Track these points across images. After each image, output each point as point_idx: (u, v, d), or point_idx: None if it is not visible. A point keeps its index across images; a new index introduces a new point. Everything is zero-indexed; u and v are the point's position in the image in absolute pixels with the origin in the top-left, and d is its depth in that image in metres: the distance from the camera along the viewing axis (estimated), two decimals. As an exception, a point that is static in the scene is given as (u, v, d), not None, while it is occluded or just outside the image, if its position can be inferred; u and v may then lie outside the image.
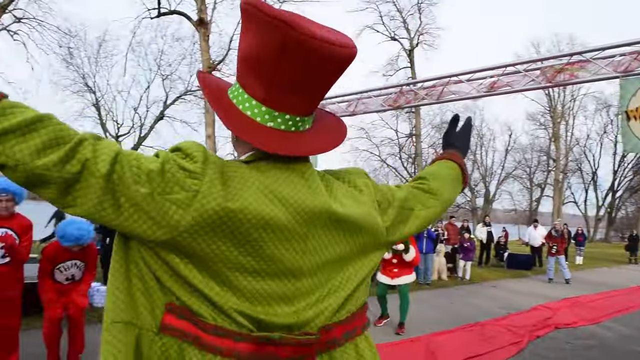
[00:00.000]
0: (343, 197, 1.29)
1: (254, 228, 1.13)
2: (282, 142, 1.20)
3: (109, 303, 1.18)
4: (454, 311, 9.20)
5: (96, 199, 1.05)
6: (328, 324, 1.26)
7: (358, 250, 1.33)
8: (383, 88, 7.06)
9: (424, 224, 1.52)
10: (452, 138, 1.78)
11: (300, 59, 1.12)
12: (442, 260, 13.58)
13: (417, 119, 28.09)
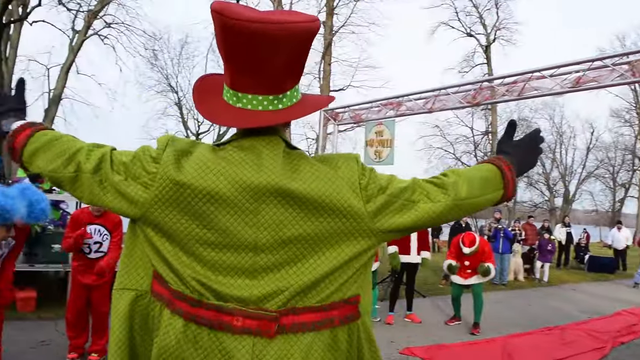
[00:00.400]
0: (306, 176, 1.33)
1: (201, 201, 1.29)
2: (233, 118, 1.37)
3: (119, 270, 1.44)
4: (531, 313, 8.96)
5: (89, 187, 1.38)
6: (296, 307, 1.31)
7: (331, 234, 1.33)
8: (461, 85, 6.96)
9: (425, 218, 1.42)
10: (506, 147, 1.61)
11: (236, 40, 1.25)
12: (518, 260, 13.21)
13: (493, 116, 27.36)
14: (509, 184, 1.53)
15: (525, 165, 1.63)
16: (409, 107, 7.34)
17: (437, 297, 10.11)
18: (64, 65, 19.73)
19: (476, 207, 1.52)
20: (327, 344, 1.35)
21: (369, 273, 1.47)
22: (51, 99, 19.60)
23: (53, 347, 5.17)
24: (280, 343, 1.30)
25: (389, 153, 7.68)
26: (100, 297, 4.85)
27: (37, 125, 1.48)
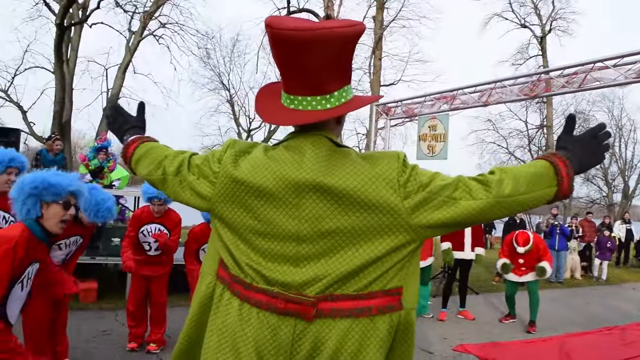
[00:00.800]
0: (344, 173, 1.43)
1: (252, 196, 1.49)
2: (285, 118, 1.53)
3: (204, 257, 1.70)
4: (589, 312, 8.69)
5: (172, 187, 1.68)
6: (334, 294, 1.42)
7: (368, 227, 1.42)
8: (519, 77, 6.77)
9: (465, 215, 1.43)
10: (565, 142, 1.56)
11: (281, 47, 1.40)
12: (575, 258, 12.81)
13: (548, 110, 26.48)
14: (564, 181, 1.48)
15: (587, 162, 1.55)
16: (464, 101, 7.19)
17: (490, 294, 9.93)
18: (121, 65, 20.38)
19: (524, 205, 1.49)
20: (365, 330, 1.42)
21: (415, 267, 1.52)
22: (109, 98, 20.28)
23: (114, 337, 5.37)
24: (318, 326, 1.42)
25: (443, 147, 7.57)
26: (159, 288, 5.01)
27: (143, 138, 1.85)
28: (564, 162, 1.49)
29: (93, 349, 4.95)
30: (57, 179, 2.59)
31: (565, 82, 5.78)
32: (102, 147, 7.78)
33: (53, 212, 2.56)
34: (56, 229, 2.59)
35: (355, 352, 1.41)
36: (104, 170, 7.70)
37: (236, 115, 26.74)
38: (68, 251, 4.13)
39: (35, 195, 2.51)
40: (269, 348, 1.44)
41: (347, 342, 1.41)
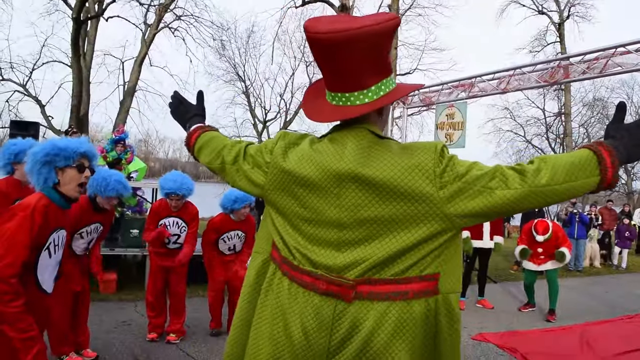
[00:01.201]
0: (381, 163, 1.50)
1: (298, 185, 1.60)
2: (327, 114, 1.61)
3: (256, 236, 1.83)
4: (609, 300, 8.60)
5: (230, 175, 1.82)
6: (371, 278, 1.50)
7: (405, 216, 1.47)
8: (538, 63, 6.68)
9: (500, 205, 1.45)
10: (614, 130, 1.51)
11: (317, 49, 1.51)
12: (594, 246, 12.68)
13: (566, 97, 26.09)
14: (608, 171, 1.43)
15: (636, 151, 1.47)
16: (482, 89, 7.10)
17: (508, 282, 9.87)
18: (137, 58, 20.43)
19: (562, 195, 1.47)
20: (401, 313, 1.49)
21: (453, 255, 1.55)
22: (126, 91, 20.37)
23: (134, 327, 5.43)
24: (356, 307, 1.51)
25: (460, 136, 7.50)
26: (178, 279, 5.05)
27: (204, 128, 1.98)
28: (609, 152, 1.44)
29: (113, 339, 5.01)
30: (66, 143, 2.60)
31: (586, 67, 5.67)
32: (119, 139, 7.84)
33: (69, 177, 2.57)
34: (74, 193, 2.61)
35: (392, 333, 1.48)
36: (122, 161, 7.76)
37: (252, 106, 26.73)
38: (90, 239, 4.17)
39: (48, 163, 2.53)
40: (312, 325, 1.54)
41: (384, 323, 1.49)
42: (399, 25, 1.53)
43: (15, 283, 2.23)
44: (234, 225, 5.24)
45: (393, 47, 21.17)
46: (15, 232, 2.29)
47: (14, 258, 2.25)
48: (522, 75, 6.41)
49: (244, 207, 5.16)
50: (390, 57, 1.61)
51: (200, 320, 5.69)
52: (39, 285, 2.45)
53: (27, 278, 2.36)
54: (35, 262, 2.41)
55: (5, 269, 2.21)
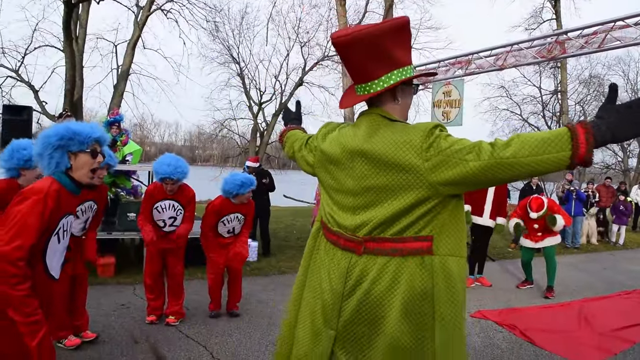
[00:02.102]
0: (381, 140, 1.80)
1: (329, 162, 2.02)
2: (344, 102, 2.00)
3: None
4: (607, 277, 8.64)
5: (299, 160, 2.32)
6: (377, 236, 1.83)
7: (398, 184, 1.76)
8: (535, 39, 6.60)
9: (471, 174, 1.64)
10: (602, 110, 1.57)
11: (337, 52, 1.87)
12: (592, 223, 12.71)
13: (562, 74, 25.95)
14: (580, 147, 1.50)
15: (621, 130, 1.52)
16: (479, 65, 7.03)
17: (506, 260, 9.91)
18: (130, 41, 20.16)
19: (528, 167, 1.58)
20: (398, 266, 1.80)
21: (448, 222, 1.80)
22: (119, 74, 20.15)
23: (133, 310, 5.42)
24: (365, 260, 1.87)
25: (458, 113, 7.45)
26: (175, 261, 5.03)
27: (292, 128, 2.53)
28: (585, 129, 1.51)
29: (112, 322, 5.01)
30: (81, 127, 2.54)
31: (584, 42, 5.61)
32: (114, 121, 7.74)
33: (82, 162, 2.51)
34: (86, 179, 2.56)
35: (390, 283, 1.81)
36: (117, 143, 7.68)
37: (247, 88, 26.51)
38: (85, 218, 4.13)
39: (62, 147, 2.47)
40: (334, 274, 1.95)
41: (384, 273, 1.82)
42: (402, 26, 1.78)
43: (23, 266, 2.19)
44: (234, 208, 5.21)
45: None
46: (27, 215, 2.25)
47: (24, 241, 2.21)
48: (519, 51, 6.34)
49: (249, 191, 5.13)
50: (403, 50, 1.83)
51: (200, 303, 5.70)
52: (47, 271, 2.42)
53: (36, 263, 2.33)
54: (45, 247, 2.38)
55: (14, 251, 2.17)
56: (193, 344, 4.55)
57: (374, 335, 1.85)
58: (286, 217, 15.33)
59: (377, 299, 1.82)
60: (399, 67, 1.82)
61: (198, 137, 43.08)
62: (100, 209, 4.31)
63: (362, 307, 1.85)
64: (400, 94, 1.90)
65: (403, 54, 1.83)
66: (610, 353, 4.73)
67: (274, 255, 9.02)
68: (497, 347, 4.82)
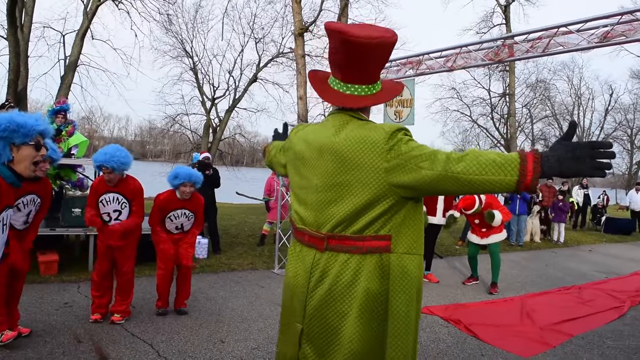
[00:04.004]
0: (346, 139, 1.85)
1: (297, 159, 2.07)
2: (324, 94, 1.99)
3: None
4: (549, 273, 8.97)
5: (273, 165, 2.56)
6: (339, 234, 1.88)
7: (358, 182, 1.81)
8: (484, 42, 6.78)
9: (422, 182, 1.71)
10: (556, 143, 1.61)
11: (349, 49, 1.81)
12: (535, 222, 13.19)
13: (511, 78, 26.75)
14: (527, 174, 1.57)
15: (569, 166, 1.55)
16: (429, 66, 7.16)
17: (453, 257, 10.16)
18: (79, 31, 19.49)
19: (474, 185, 1.65)
20: (358, 263, 1.85)
21: (406, 223, 1.86)
22: (67, 65, 19.44)
23: (76, 309, 5.25)
24: (327, 256, 1.92)
25: (409, 113, 7.56)
26: (124, 258, 4.90)
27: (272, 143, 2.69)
28: (535, 159, 1.58)
29: (54, 322, 4.83)
30: (25, 119, 2.44)
31: (529, 46, 5.80)
32: (60, 110, 7.47)
33: (24, 155, 2.43)
34: (28, 171, 2.47)
35: (350, 279, 1.86)
36: (62, 133, 7.41)
37: (200, 83, 26.18)
38: (27, 211, 3.96)
39: (4, 139, 2.36)
40: (300, 269, 2.02)
41: (345, 270, 1.87)
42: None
43: None
44: (180, 204, 5.13)
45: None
46: None
47: None
48: (469, 53, 6.50)
49: (182, 184, 5.07)
50: None
51: (147, 300, 5.58)
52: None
53: None
54: None
55: None
56: (138, 342, 4.46)
57: (335, 330, 1.91)
58: (238, 214, 15.22)
59: (338, 295, 1.88)
60: (378, 80, 1.98)
61: (149, 132, 42.16)
62: (45, 204, 4.16)
63: (324, 303, 1.92)
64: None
65: (379, 69, 1.98)
66: (550, 346, 4.91)
67: (224, 252, 8.94)
68: (443, 341, 4.93)
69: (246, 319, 5.31)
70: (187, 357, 4.18)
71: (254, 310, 5.64)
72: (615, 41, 5.12)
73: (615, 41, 5.12)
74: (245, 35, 26.23)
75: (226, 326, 5.03)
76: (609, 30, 5.07)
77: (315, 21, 17.65)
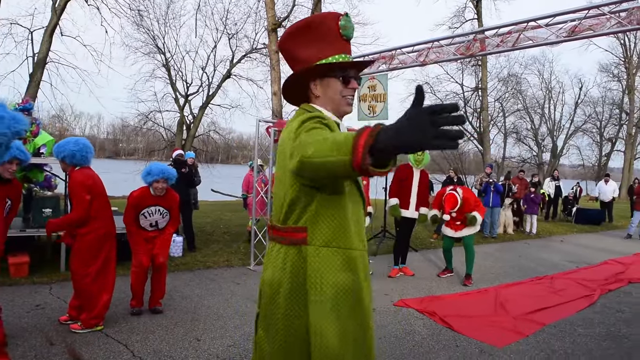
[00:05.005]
0: (285, 130, 1.86)
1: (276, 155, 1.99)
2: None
3: None
4: (522, 264, 9.12)
5: None
6: (273, 224, 1.98)
7: (284, 173, 1.86)
8: (455, 36, 6.83)
9: (295, 170, 1.65)
10: (403, 115, 1.30)
11: None
12: (508, 214, 13.39)
13: (483, 72, 27.11)
14: (358, 150, 1.34)
15: (406, 137, 1.25)
16: (402, 61, 7.19)
17: (428, 250, 10.25)
18: (48, 27, 19.13)
19: (323, 169, 1.47)
20: (284, 254, 1.90)
21: (325, 215, 1.84)
22: (36, 62, 19.08)
23: (49, 311, 5.16)
24: (271, 245, 2.01)
25: (383, 107, 7.59)
26: (75, 263, 4.59)
27: None
28: (369, 132, 1.34)
29: (26, 324, 4.75)
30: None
31: (499, 41, 5.87)
32: (23, 109, 7.28)
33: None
34: (7, 174, 2.40)
35: (281, 268, 1.90)
36: (27, 134, 7.24)
37: (173, 80, 25.92)
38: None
39: None
40: (269, 258, 2.01)
41: (277, 259, 1.93)
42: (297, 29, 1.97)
43: None
44: (154, 200, 5.08)
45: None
46: None
47: None
48: (440, 48, 6.55)
49: (155, 180, 5.02)
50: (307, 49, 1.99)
51: (121, 300, 5.52)
52: None
53: None
54: None
55: None
56: (113, 342, 4.40)
57: (271, 317, 1.93)
58: (214, 212, 15.12)
59: (274, 283, 1.92)
60: (304, 65, 1.94)
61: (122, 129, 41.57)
62: (15, 205, 4.06)
63: (264, 290, 1.97)
64: (317, 88, 1.97)
65: (308, 53, 1.95)
66: (523, 335, 5.00)
67: (200, 249, 8.88)
68: (418, 333, 4.98)
69: (222, 316, 5.29)
70: (162, 357, 4.14)
71: (230, 307, 5.62)
72: (583, 35, 5.22)
73: (582, 35, 5.21)
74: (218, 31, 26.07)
75: (202, 324, 5.00)
76: (576, 25, 5.17)
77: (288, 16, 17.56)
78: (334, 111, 1.98)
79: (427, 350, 4.54)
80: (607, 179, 17.93)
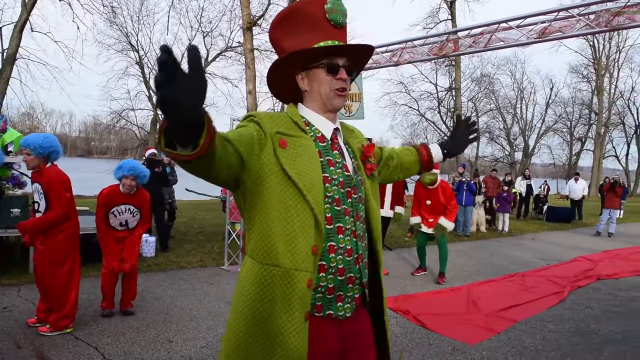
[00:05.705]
0: None
1: None
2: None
3: None
4: (494, 262, 9.24)
5: None
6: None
7: None
8: (429, 37, 6.89)
9: None
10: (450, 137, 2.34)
11: None
12: (481, 212, 13.55)
13: (457, 72, 27.42)
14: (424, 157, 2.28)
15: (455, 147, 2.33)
16: (376, 60, 7.22)
17: (402, 249, 10.32)
18: (17, 23, 18.70)
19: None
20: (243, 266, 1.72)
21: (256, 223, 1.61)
22: (5, 59, 18.65)
23: (16, 314, 5.04)
24: None
25: (359, 107, 7.61)
26: (44, 265, 4.46)
27: None
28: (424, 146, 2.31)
29: (-7, 325, 4.64)
30: None
31: (472, 42, 5.94)
32: (-13, 107, 7.13)
33: None
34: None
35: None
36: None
37: (146, 77, 25.60)
38: None
39: None
40: None
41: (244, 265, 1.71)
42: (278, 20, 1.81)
43: None
44: (124, 199, 5.00)
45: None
46: None
47: None
48: (414, 48, 6.60)
49: (124, 176, 4.96)
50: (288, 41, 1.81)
51: (91, 302, 5.42)
52: None
53: None
54: None
55: None
56: (83, 345, 4.32)
57: None
58: (188, 211, 14.97)
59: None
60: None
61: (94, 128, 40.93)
62: None
63: None
64: (303, 82, 1.76)
65: (291, 43, 1.73)
66: (495, 332, 5.07)
67: (173, 250, 8.78)
68: (391, 332, 5.01)
69: (195, 317, 5.24)
70: (133, 359, 4.08)
71: (203, 308, 5.57)
72: (553, 37, 5.31)
73: (552, 37, 5.30)
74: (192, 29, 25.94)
75: (174, 325, 4.95)
76: (546, 27, 5.25)
77: (264, 15, 17.48)
78: (323, 105, 1.75)
79: (401, 349, 4.57)
80: (577, 177, 18.28)
